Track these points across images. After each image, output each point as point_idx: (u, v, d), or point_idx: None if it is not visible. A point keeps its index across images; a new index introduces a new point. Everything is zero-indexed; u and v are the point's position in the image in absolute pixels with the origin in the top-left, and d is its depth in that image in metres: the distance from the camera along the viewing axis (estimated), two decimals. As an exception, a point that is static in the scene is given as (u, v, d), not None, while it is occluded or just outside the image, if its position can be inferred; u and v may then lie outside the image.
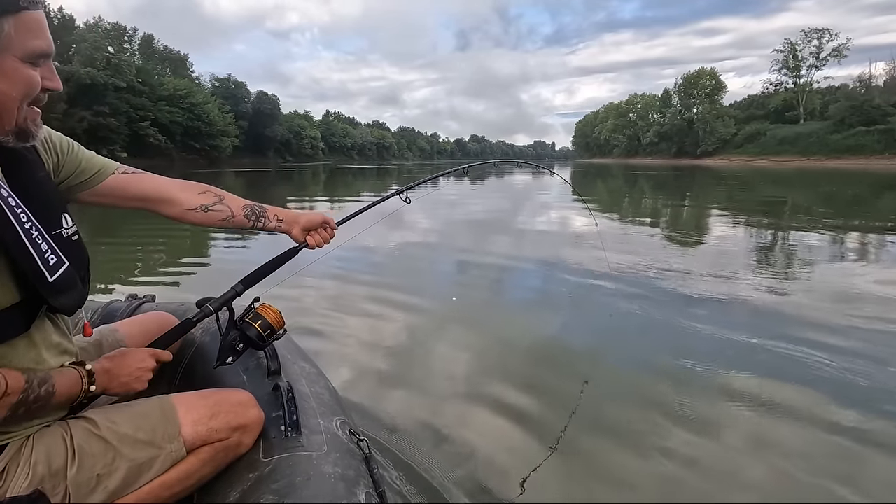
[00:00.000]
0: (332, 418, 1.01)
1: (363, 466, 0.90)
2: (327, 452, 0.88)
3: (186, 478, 0.84)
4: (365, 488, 0.82)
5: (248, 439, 0.89)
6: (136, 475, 0.79)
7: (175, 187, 1.05)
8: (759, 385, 2.14)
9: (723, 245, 5.60)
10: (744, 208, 10.23)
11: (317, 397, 1.07)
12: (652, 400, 2.03)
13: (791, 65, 63.65)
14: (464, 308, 3.37)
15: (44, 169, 0.83)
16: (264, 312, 1.03)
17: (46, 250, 0.71)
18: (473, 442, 1.74)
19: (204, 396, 0.90)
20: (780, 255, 5.18)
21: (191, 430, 0.84)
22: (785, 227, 7.34)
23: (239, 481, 0.84)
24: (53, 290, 0.71)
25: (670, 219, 8.86)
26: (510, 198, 13.15)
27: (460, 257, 5.07)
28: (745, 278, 3.95)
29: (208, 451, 0.85)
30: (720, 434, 1.82)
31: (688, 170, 35.76)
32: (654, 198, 13.04)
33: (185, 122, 44.01)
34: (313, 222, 1.18)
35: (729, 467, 1.64)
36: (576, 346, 2.69)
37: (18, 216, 0.68)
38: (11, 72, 0.64)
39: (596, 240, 5.46)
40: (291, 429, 0.92)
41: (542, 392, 2.11)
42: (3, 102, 0.66)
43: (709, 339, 2.65)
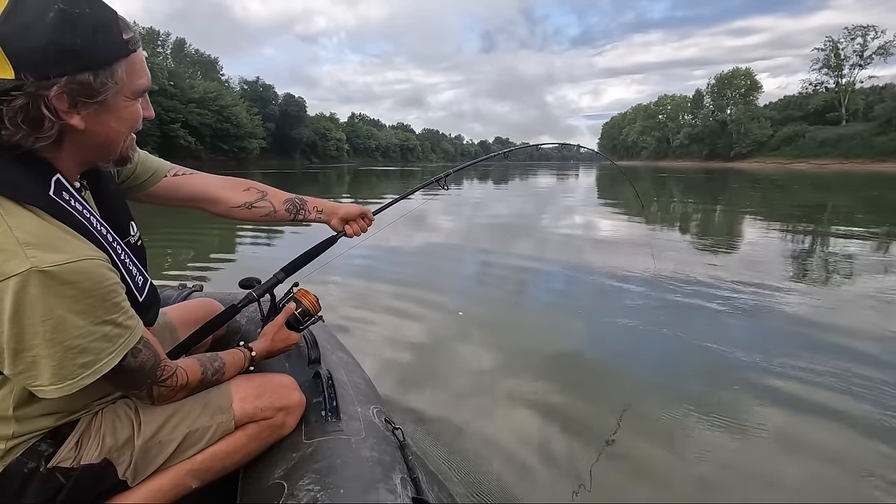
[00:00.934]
0: (368, 406, 1.05)
1: (398, 453, 0.93)
2: (364, 438, 0.92)
3: (235, 451, 0.90)
4: (400, 473, 0.85)
5: (291, 420, 0.95)
6: (193, 443, 0.86)
7: (221, 186, 1.12)
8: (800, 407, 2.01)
9: (762, 252, 5.39)
10: (791, 213, 9.85)
11: (354, 386, 1.12)
12: (701, 419, 1.95)
13: (833, 63, 61.26)
14: (498, 308, 3.39)
15: (115, 180, 0.90)
16: (302, 297, 1.10)
17: (136, 273, 0.77)
18: (500, 439, 1.76)
19: (251, 378, 0.97)
20: (829, 265, 4.92)
21: (239, 406, 0.90)
22: (834, 234, 7.02)
23: (283, 460, 0.89)
24: (143, 308, 0.78)
25: (712, 224, 8.60)
26: (538, 201, 13.01)
27: (495, 259, 5.00)
28: (785, 288, 3.78)
29: (254, 428, 0.91)
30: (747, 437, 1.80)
31: (720, 173, 34.82)
32: (692, 202, 12.68)
33: (214, 123, 45.24)
34: (351, 213, 1.24)
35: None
36: (614, 351, 2.64)
37: (115, 248, 0.73)
38: (122, 110, 0.70)
39: (635, 244, 5.31)
40: (331, 414, 0.97)
41: (573, 394, 2.10)
42: (113, 138, 0.72)
43: (741, 352, 2.58)
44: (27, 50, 0.58)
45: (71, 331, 0.64)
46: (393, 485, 0.80)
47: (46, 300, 0.61)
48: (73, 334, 0.64)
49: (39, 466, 0.75)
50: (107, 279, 0.67)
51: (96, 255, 0.67)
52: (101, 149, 0.72)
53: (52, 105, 0.61)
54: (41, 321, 0.61)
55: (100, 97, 0.65)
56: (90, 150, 0.72)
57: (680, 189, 17.57)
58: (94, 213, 0.74)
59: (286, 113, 64.11)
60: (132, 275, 0.76)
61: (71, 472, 0.76)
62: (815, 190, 17.19)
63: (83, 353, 0.66)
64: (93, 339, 0.66)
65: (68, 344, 0.64)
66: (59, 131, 0.65)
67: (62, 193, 0.68)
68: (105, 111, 0.67)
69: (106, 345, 0.68)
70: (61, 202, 0.67)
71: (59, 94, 0.61)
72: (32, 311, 0.61)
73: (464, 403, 2.03)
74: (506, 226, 7.78)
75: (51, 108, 0.61)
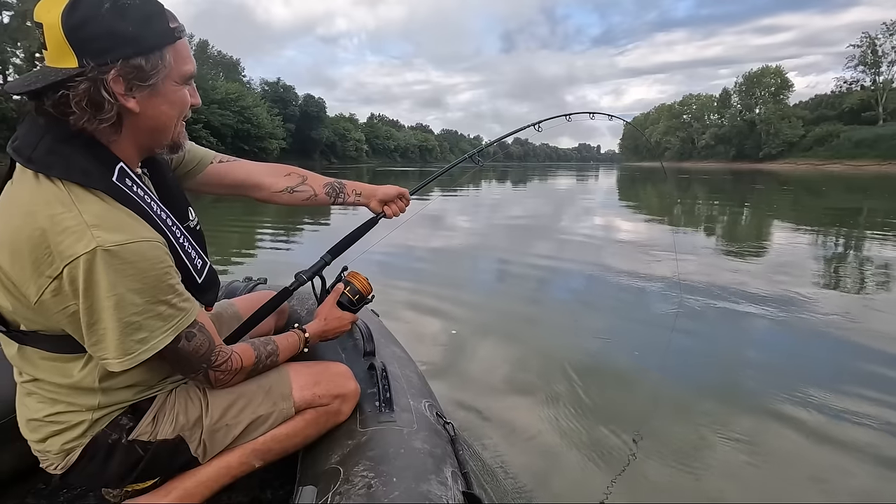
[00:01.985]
0: (420, 400, 1.08)
1: (449, 447, 0.95)
2: (417, 430, 0.95)
3: (295, 434, 0.95)
4: (451, 467, 0.87)
5: (346, 408, 1.00)
6: (256, 426, 0.91)
7: (263, 172, 1.16)
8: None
9: (791, 259, 5.16)
10: (824, 218, 9.48)
11: (406, 379, 1.15)
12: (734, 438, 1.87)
13: (869, 60, 59.18)
14: (538, 308, 3.44)
15: (171, 169, 0.96)
16: (353, 279, 1.13)
17: (194, 256, 0.82)
18: (544, 439, 1.79)
19: (309, 365, 1.02)
20: (861, 273, 4.70)
21: (298, 393, 0.95)
22: (870, 237, 6.71)
23: (339, 446, 0.93)
24: (202, 290, 0.83)
25: (742, 228, 8.34)
26: (558, 203, 12.84)
27: (533, 261, 4.92)
28: (813, 297, 3.61)
29: (312, 414, 0.96)
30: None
31: (749, 174, 33.95)
32: (723, 206, 12.35)
33: (235, 124, 46.11)
34: (389, 194, 1.26)
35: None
36: (653, 363, 2.57)
37: (174, 231, 0.78)
38: (171, 94, 0.75)
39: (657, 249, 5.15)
40: (385, 405, 1.00)
41: (614, 396, 2.12)
42: (165, 122, 0.77)
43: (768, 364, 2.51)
44: (88, 39, 0.65)
45: (129, 308, 0.69)
46: (444, 477, 0.82)
47: (109, 277, 0.67)
48: (130, 311, 0.69)
49: (121, 438, 0.82)
50: (161, 261, 0.72)
51: (153, 236, 0.72)
52: (155, 132, 0.78)
53: (111, 88, 0.68)
54: (106, 296, 0.67)
55: (151, 80, 0.71)
56: (145, 135, 0.77)
57: (705, 191, 17.18)
58: (154, 199, 0.79)
59: (306, 113, 64.96)
60: (191, 257, 0.81)
61: (148, 446, 0.83)
62: (851, 192, 16.57)
63: (139, 330, 0.71)
64: (148, 317, 0.72)
65: (127, 320, 0.70)
66: (118, 115, 0.71)
67: (125, 180, 0.74)
68: (156, 95, 0.73)
69: (160, 323, 0.73)
70: (124, 188, 0.73)
71: (116, 77, 0.68)
72: (99, 287, 0.67)
73: (508, 402, 2.05)
74: (532, 227, 7.73)
75: (109, 91, 0.68)
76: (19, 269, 0.68)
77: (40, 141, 0.70)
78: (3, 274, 0.70)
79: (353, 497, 0.75)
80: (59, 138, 0.70)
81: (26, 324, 0.74)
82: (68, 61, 0.66)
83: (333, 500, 0.76)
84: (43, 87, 0.66)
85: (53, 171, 0.68)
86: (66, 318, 0.70)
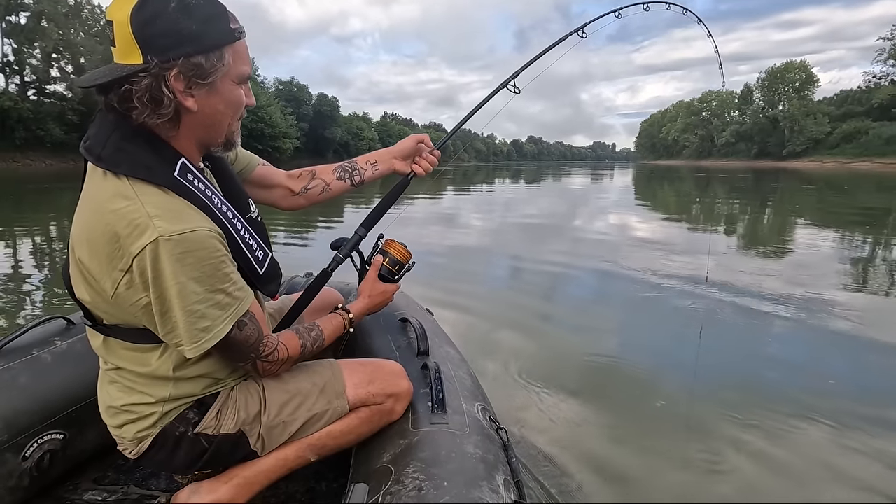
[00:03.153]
0: (473, 403, 1.06)
1: (502, 453, 0.92)
2: (469, 434, 0.92)
3: (349, 432, 0.97)
4: (503, 475, 0.84)
5: (399, 407, 1.00)
6: (312, 424, 0.94)
7: (288, 176, 1.18)
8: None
9: (816, 261, 4.82)
10: (851, 219, 8.93)
11: (460, 381, 1.13)
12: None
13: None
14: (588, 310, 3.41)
15: (230, 164, 1.01)
16: (389, 248, 1.11)
17: (256, 248, 0.86)
18: (600, 453, 1.72)
19: (364, 364, 1.04)
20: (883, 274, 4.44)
21: (353, 391, 0.96)
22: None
23: (391, 445, 0.93)
24: (263, 280, 0.88)
25: (765, 229, 7.87)
26: (574, 202, 12.44)
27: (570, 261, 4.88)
28: (839, 301, 3.44)
29: (366, 413, 0.97)
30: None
31: (771, 173, 33.00)
32: (738, 202, 11.82)
33: (248, 123, 46.35)
34: (407, 147, 1.20)
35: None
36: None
37: (234, 224, 0.82)
38: (228, 93, 0.79)
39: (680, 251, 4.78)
40: (437, 406, 0.98)
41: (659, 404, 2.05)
42: (220, 120, 0.81)
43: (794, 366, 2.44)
44: (154, 35, 0.69)
45: (191, 296, 0.72)
46: (496, 485, 0.80)
47: (172, 265, 0.70)
48: (192, 300, 0.72)
49: (188, 431, 0.86)
50: (218, 250, 0.75)
51: (210, 226, 0.75)
52: (211, 130, 0.81)
53: (171, 85, 0.71)
54: (170, 285, 0.71)
55: (210, 79, 0.74)
56: (202, 131, 0.80)
57: (725, 190, 16.62)
58: (215, 192, 0.82)
59: (320, 113, 65.19)
60: (252, 249, 0.85)
61: (212, 439, 0.88)
62: (882, 192, 15.77)
63: (203, 319, 0.74)
64: (209, 306, 0.74)
65: (190, 309, 0.73)
66: (176, 111, 0.74)
67: (186, 174, 0.77)
68: (214, 94, 0.76)
69: (219, 312, 0.76)
70: (185, 182, 0.76)
71: (177, 74, 0.71)
72: (164, 276, 0.70)
73: (556, 407, 1.99)
74: (552, 227, 7.56)
75: (169, 88, 0.71)
76: (97, 265, 0.73)
77: (108, 139, 0.74)
78: (84, 269, 0.75)
79: (404, 498, 0.75)
80: (125, 136, 0.74)
81: (107, 317, 0.80)
82: (134, 58, 0.70)
83: (384, 500, 0.76)
84: (109, 81, 0.70)
85: (120, 168, 0.72)
86: (140, 310, 0.74)
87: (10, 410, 1.02)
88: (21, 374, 1.08)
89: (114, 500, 1.16)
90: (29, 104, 33.06)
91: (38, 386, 1.09)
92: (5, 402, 1.03)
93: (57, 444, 1.09)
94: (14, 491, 1.02)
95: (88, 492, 1.18)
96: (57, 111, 33.97)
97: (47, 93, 36.54)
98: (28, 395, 1.07)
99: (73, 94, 35.60)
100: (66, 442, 1.11)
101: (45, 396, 1.09)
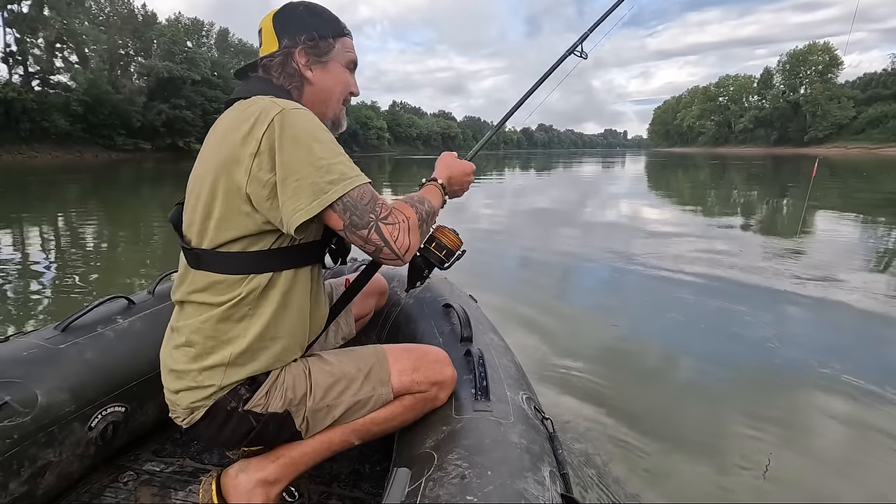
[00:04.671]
0: (518, 391, 1.04)
1: (547, 445, 0.90)
2: (513, 423, 0.90)
3: (392, 419, 0.97)
4: (549, 466, 0.82)
5: (443, 395, 0.99)
6: (356, 410, 0.95)
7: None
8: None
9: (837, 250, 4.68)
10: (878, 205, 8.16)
11: (504, 369, 1.11)
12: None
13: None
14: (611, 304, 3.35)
15: None
16: (441, 236, 1.11)
17: None
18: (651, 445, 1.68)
19: (408, 350, 1.03)
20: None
21: (397, 379, 0.96)
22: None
23: (434, 431, 0.92)
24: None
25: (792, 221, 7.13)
26: (587, 192, 11.77)
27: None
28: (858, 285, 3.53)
29: (410, 400, 0.97)
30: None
31: (792, 160, 32.01)
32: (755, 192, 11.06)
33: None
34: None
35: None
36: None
37: None
38: (338, 74, 0.98)
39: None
40: (481, 393, 0.97)
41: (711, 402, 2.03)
42: (330, 94, 0.98)
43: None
44: (286, 25, 0.95)
45: (318, 153, 0.81)
46: (541, 476, 0.77)
47: (296, 131, 0.81)
48: (319, 156, 0.81)
49: (238, 407, 0.89)
50: (329, 131, 0.86)
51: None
52: (323, 102, 0.98)
53: (297, 59, 0.94)
54: (298, 145, 0.80)
55: (324, 58, 0.96)
56: (317, 102, 0.97)
57: (742, 178, 15.99)
58: None
59: (327, 102, 64.45)
60: None
61: (260, 417, 0.90)
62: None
63: (329, 172, 0.81)
64: (335, 162, 0.82)
65: (318, 164, 0.81)
66: (300, 80, 0.95)
67: None
68: (327, 71, 0.97)
69: (346, 169, 0.83)
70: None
71: (300, 51, 0.94)
72: (291, 139, 0.80)
73: (601, 401, 1.96)
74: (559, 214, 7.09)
75: (296, 61, 0.95)
76: (232, 163, 0.81)
77: (252, 88, 0.91)
78: (214, 183, 0.83)
79: (447, 485, 0.74)
80: (267, 88, 0.91)
81: (213, 236, 0.85)
82: (273, 46, 0.95)
83: (426, 486, 0.75)
84: (257, 63, 0.97)
85: (254, 93, 0.88)
86: (267, 192, 0.81)
87: (78, 383, 1.09)
88: (87, 350, 1.15)
89: (171, 471, 1.23)
90: (33, 95, 32.73)
91: (102, 361, 1.16)
92: (73, 376, 1.09)
93: (119, 416, 1.17)
94: (82, 458, 1.10)
95: (148, 462, 1.25)
96: (62, 102, 33.67)
97: (51, 83, 36.23)
98: (93, 369, 1.14)
99: (77, 84, 35.25)
100: (127, 414, 1.19)
101: (108, 371, 1.16)
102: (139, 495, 1.14)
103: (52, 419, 1.02)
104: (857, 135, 54.47)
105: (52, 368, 1.08)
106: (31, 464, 0.99)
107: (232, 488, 0.95)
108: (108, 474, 1.20)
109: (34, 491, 1.01)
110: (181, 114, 40.42)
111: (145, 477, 1.20)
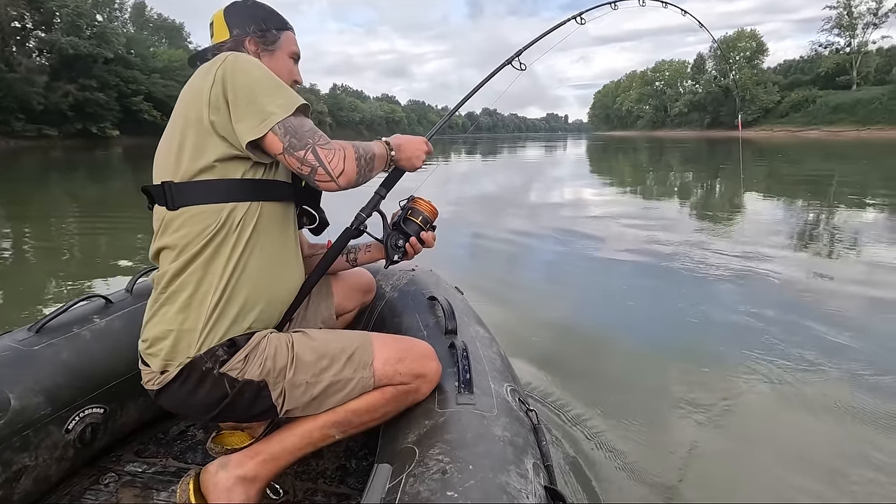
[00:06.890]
0: (502, 383, 1.05)
1: (531, 437, 0.91)
2: (497, 416, 0.91)
3: (372, 409, 0.99)
4: (533, 458, 0.83)
5: (426, 388, 1.01)
6: (335, 391, 0.96)
7: (306, 248, 1.36)
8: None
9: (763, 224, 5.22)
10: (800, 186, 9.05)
11: (489, 361, 1.12)
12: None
13: (845, 23, 60.10)
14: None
15: None
16: (416, 204, 1.15)
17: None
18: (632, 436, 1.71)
19: (396, 340, 1.06)
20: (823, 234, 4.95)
21: (381, 367, 0.98)
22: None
23: (416, 426, 0.92)
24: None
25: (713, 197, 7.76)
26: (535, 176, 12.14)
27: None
28: (780, 257, 3.95)
29: (391, 392, 0.99)
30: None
31: (724, 143, 34.25)
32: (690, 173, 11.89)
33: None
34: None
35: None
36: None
37: None
38: (284, 62, 1.13)
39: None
40: (464, 386, 0.98)
41: (700, 400, 1.99)
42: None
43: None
44: (236, 19, 1.09)
45: (264, 80, 0.93)
46: (524, 469, 0.78)
47: (246, 66, 0.93)
48: (265, 83, 0.93)
49: (214, 369, 0.90)
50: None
51: None
52: None
53: (247, 47, 1.08)
54: (245, 77, 0.91)
55: (272, 47, 1.11)
56: None
57: (677, 159, 17.18)
58: None
59: (260, 83, 61.67)
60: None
61: (235, 383, 0.91)
62: (837, 161, 16.44)
63: (274, 97, 0.92)
64: (278, 91, 0.93)
65: (264, 90, 0.92)
66: None
67: None
68: (275, 59, 1.11)
69: (288, 94, 0.94)
70: None
71: (251, 40, 1.09)
72: (239, 72, 0.91)
73: (600, 396, 1.98)
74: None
75: (246, 49, 1.07)
76: (196, 98, 0.91)
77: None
78: (185, 119, 0.92)
79: (427, 481, 0.74)
80: None
81: (187, 167, 0.91)
82: (224, 35, 1.09)
83: (407, 482, 0.75)
84: (205, 50, 1.11)
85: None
86: (225, 118, 0.90)
87: (53, 385, 1.09)
88: (62, 351, 1.15)
89: (153, 471, 1.23)
90: (36, 88, 29.12)
91: (79, 362, 1.16)
92: (47, 378, 1.09)
93: (98, 418, 1.16)
94: (60, 461, 1.09)
95: (130, 463, 1.26)
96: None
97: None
98: (69, 370, 1.13)
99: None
100: (107, 415, 1.19)
101: (85, 372, 1.16)
102: (121, 496, 1.14)
103: (26, 422, 1.02)
104: (781, 118, 59.11)
105: (26, 371, 1.07)
106: (5, 468, 0.98)
107: (212, 486, 0.95)
108: (89, 476, 1.20)
109: (10, 496, 1.00)
110: (92, 96, 37.14)
111: (127, 478, 1.20)
